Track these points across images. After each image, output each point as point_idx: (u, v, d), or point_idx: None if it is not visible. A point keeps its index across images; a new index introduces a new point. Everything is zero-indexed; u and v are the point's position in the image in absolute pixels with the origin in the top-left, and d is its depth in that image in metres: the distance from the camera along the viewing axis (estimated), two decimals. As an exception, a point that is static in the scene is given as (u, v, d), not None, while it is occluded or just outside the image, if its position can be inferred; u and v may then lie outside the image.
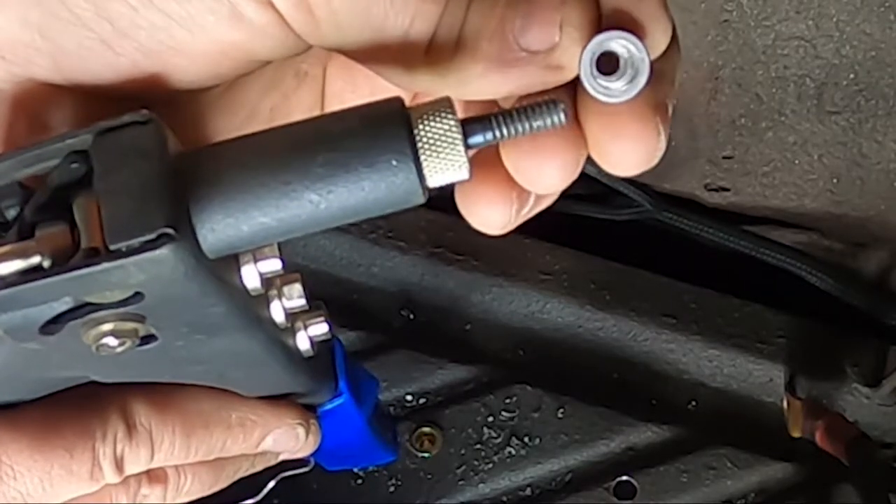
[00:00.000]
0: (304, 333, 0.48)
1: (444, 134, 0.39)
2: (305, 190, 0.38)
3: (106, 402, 0.48)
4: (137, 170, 0.38)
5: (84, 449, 0.47)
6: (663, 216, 1.05)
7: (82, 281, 0.38)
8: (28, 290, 0.38)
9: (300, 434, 0.53)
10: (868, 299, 1.02)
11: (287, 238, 0.40)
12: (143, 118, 0.39)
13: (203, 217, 0.39)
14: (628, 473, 0.97)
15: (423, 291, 1.04)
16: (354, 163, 0.38)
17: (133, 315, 0.40)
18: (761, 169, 0.99)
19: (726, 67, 0.92)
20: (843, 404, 0.99)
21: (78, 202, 0.39)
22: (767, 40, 0.90)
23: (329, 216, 0.39)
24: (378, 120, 0.39)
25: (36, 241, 0.39)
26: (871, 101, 0.91)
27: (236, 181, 0.39)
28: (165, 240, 0.37)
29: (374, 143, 0.39)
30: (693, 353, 1.01)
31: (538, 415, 0.99)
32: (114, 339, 0.40)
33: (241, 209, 0.39)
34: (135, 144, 0.38)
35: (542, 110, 0.40)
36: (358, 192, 0.39)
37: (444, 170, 0.39)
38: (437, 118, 0.39)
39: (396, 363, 1.01)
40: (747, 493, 0.96)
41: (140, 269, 0.37)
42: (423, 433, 0.98)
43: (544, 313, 1.03)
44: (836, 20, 0.87)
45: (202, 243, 0.39)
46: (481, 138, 0.40)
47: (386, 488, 0.97)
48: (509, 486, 0.98)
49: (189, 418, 0.49)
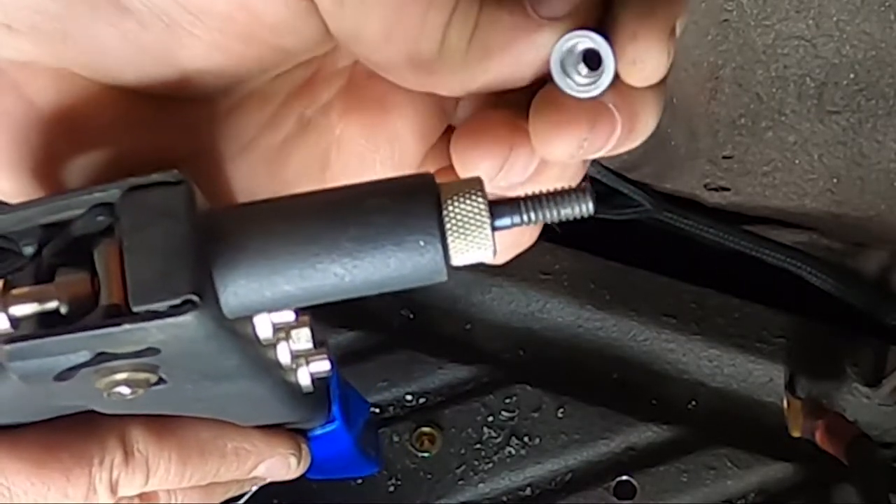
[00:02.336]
0: (305, 370, 0.48)
1: (473, 216, 0.39)
2: (332, 263, 0.39)
3: (104, 428, 0.48)
4: (165, 231, 0.38)
5: (81, 474, 0.48)
6: (663, 216, 1.05)
7: (102, 338, 0.38)
8: (49, 343, 0.38)
9: (292, 463, 0.54)
10: (868, 299, 1.02)
11: (308, 304, 0.40)
12: (173, 178, 0.39)
13: (227, 281, 0.39)
14: (628, 473, 0.97)
15: (423, 291, 1.04)
16: (383, 240, 0.39)
17: (147, 366, 0.40)
18: (761, 169, 0.98)
19: (726, 67, 0.92)
20: (843, 404, 0.98)
21: (99, 253, 0.39)
22: (767, 40, 0.90)
23: (351, 289, 0.39)
24: (410, 197, 0.39)
25: (55, 286, 0.39)
26: (871, 101, 0.91)
27: (263, 248, 0.39)
28: (189, 307, 0.37)
29: (404, 221, 0.39)
30: (693, 353, 1.01)
31: (538, 415, 0.99)
32: (126, 388, 0.40)
33: (265, 276, 0.39)
34: (163, 204, 0.38)
35: (570, 197, 0.40)
36: (383, 268, 0.39)
37: (469, 250, 0.40)
38: (466, 199, 0.39)
39: (396, 363, 1.01)
40: (747, 493, 0.96)
41: (162, 331, 0.37)
42: (423, 433, 0.98)
43: (544, 313, 1.03)
44: (836, 20, 0.87)
45: (223, 306, 0.39)
46: (508, 221, 0.40)
47: (386, 488, 0.97)
48: (509, 486, 0.98)
49: (185, 446, 0.50)
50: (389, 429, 0.99)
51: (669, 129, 0.98)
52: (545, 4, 0.40)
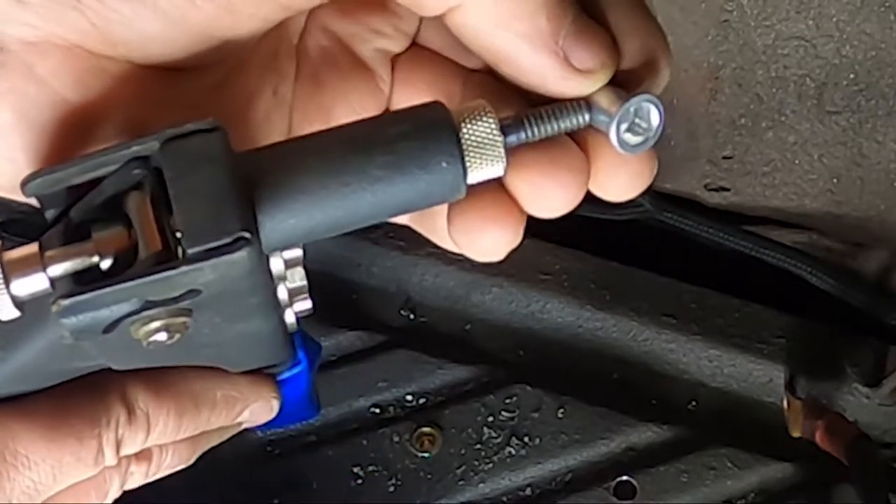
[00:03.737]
0: (290, 310, 0.49)
1: (487, 136, 0.42)
2: (364, 191, 0.41)
3: (107, 388, 0.49)
4: (208, 176, 0.40)
5: (91, 436, 0.48)
6: (663, 216, 1.05)
7: (157, 283, 0.39)
8: (104, 294, 0.39)
9: (274, 406, 0.54)
10: (868, 299, 1.02)
11: (340, 232, 0.42)
12: (209, 126, 0.41)
13: (268, 218, 0.40)
14: (628, 473, 0.97)
15: (423, 291, 1.04)
16: (409, 165, 0.41)
17: (184, 310, 0.41)
18: (761, 169, 0.99)
19: (726, 67, 0.92)
20: (843, 404, 0.99)
21: (131, 205, 0.40)
22: (767, 40, 0.90)
23: (382, 212, 0.42)
24: (427, 123, 0.42)
25: (94, 242, 0.40)
26: (871, 101, 0.91)
27: (298, 183, 0.41)
28: (243, 243, 0.39)
29: (426, 145, 0.41)
30: (693, 353, 1.02)
31: (538, 415, 0.99)
32: (165, 334, 0.41)
33: (303, 210, 0.41)
34: (203, 151, 0.40)
35: (569, 110, 0.43)
36: (409, 191, 0.41)
37: (484, 167, 0.42)
38: (478, 120, 0.42)
39: (396, 363, 1.01)
40: (747, 493, 0.96)
41: (214, 270, 0.39)
42: (423, 433, 0.99)
43: (544, 313, 1.03)
44: (836, 20, 0.87)
45: (264, 242, 0.41)
46: (515, 138, 0.43)
47: (386, 488, 0.97)
48: (509, 486, 0.98)
49: (181, 400, 0.50)
50: (389, 429, 0.99)
51: (669, 130, 0.98)
52: (578, 56, 0.43)
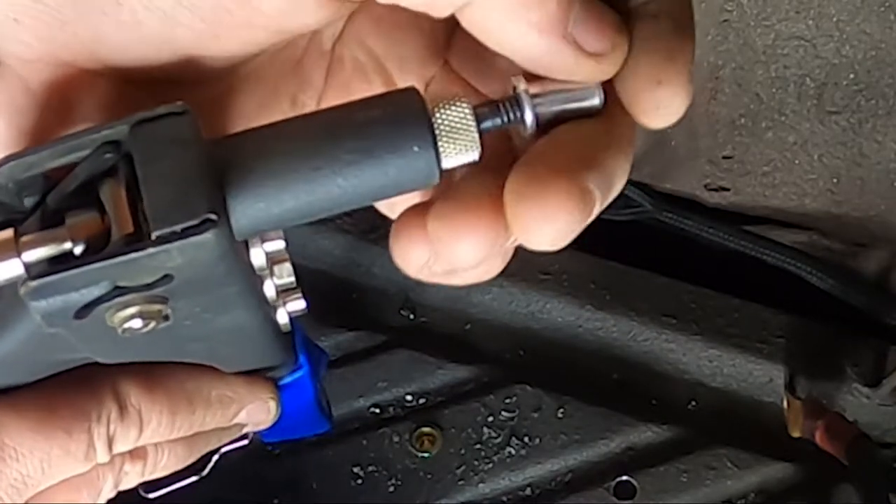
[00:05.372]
0: (283, 310, 0.49)
1: (460, 120, 0.42)
2: (334, 175, 0.41)
3: (99, 383, 0.49)
4: (177, 159, 0.39)
5: (81, 430, 0.48)
6: (663, 216, 1.05)
7: (125, 266, 0.39)
8: (73, 276, 0.39)
9: (272, 408, 0.54)
10: (868, 299, 1.02)
11: (311, 219, 0.42)
12: (179, 109, 0.40)
13: (237, 202, 0.40)
14: (628, 473, 0.97)
15: (422, 291, 1.04)
16: (379, 150, 0.41)
17: (158, 297, 0.41)
18: (761, 169, 0.99)
19: (726, 67, 0.92)
20: (843, 404, 0.98)
21: (105, 191, 0.40)
22: (767, 40, 0.90)
23: (353, 198, 0.41)
24: (399, 108, 0.41)
25: (67, 228, 0.40)
26: (871, 101, 0.91)
27: (268, 168, 0.40)
28: (209, 225, 0.39)
29: (397, 130, 0.41)
30: (693, 353, 1.02)
31: (538, 415, 0.99)
32: (139, 321, 0.41)
33: (273, 194, 0.40)
34: (172, 134, 0.40)
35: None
36: (381, 176, 0.41)
37: (459, 153, 0.42)
38: (452, 106, 0.41)
39: (396, 363, 1.01)
40: (747, 493, 0.96)
41: (181, 253, 0.39)
42: (423, 433, 0.98)
43: (544, 313, 1.03)
44: (836, 20, 0.88)
45: (234, 227, 0.40)
46: (490, 123, 0.42)
47: (386, 488, 0.97)
48: (509, 486, 0.98)
49: (174, 397, 0.50)
50: (389, 429, 0.99)
51: (669, 129, 0.98)
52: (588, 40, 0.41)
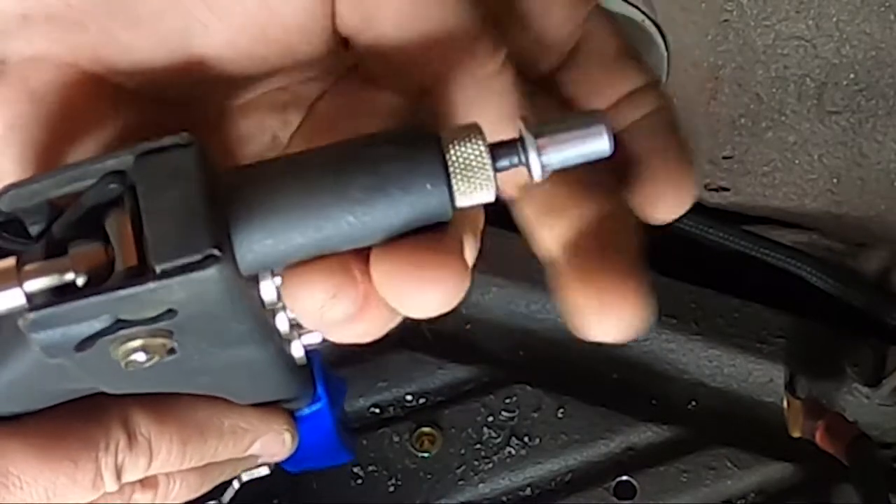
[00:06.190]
0: (298, 342, 0.48)
1: (475, 159, 0.40)
2: (343, 213, 0.39)
3: (107, 412, 0.48)
4: (181, 192, 0.38)
5: (88, 459, 0.47)
6: (663, 216, 1.05)
7: (126, 300, 0.38)
8: (72, 309, 0.38)
9: (286, 440, 0.54)
10: (868, 299, 1.02)
11: (319, 255, 0.41)
12: (184, 141, 0.39)
13: (243, 238, 0.39)
14: (628, 473, 0.97)
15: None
16: (391, 187, 0.39)
17: (162, 331, 0.40)
18: (761, 169, 0.99)
19: (726, 67, 0.92)
20: (843, 404, 0.98)
21: (111, 222, 0.39)
22: (767, 40, 0.90)
23: (364, 236, 0.40)
24: (412, 145, 0.40)
25: (70, 258, 0.39)
26: (871, 101, 0.91)
27: (276, 203, 0.39)
28: (212, 261, 0.37)
29: (409, 168, 0.39)
30: (693, 353, 1.01)
31: (538, 415, 0.99)
32: (143, 355, 0.40)
33: (280, 230, 0.39)
34: (177, 166, 0.39)
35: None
36: (392, 214, 0.40)
37: (473, 192, 0.40)
38: (466, 142, 0.40)
39: (396, 363, 1.01)
40: (747, 493, 0.96)
41: (183, 288, 0.38)
42: (423, 433, 0.98)
43: (544, 313, 1.03)
44: (836, 20, 0.88)
45: (240, 262, 0.39)
46: (507, 162, 0.41)
47: (386, 488, 0.97)
48: (509, 486, 0.98)
49: (185, 427, 0.50)
50: (389, 429, 0.99)
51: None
52: None
